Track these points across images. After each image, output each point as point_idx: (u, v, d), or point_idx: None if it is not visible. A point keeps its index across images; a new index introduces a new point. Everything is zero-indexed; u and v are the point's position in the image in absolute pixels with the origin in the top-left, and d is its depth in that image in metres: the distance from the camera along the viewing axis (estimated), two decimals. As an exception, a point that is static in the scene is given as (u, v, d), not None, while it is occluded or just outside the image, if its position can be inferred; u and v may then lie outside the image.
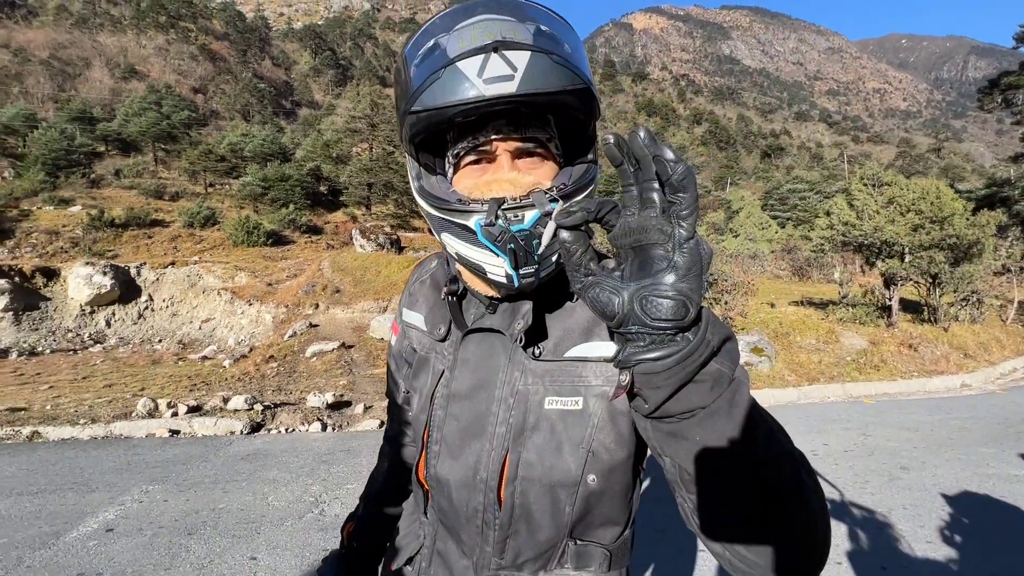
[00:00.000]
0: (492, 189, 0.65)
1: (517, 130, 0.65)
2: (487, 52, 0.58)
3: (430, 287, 0.88)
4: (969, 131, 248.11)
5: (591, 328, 0.72)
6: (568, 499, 0.70)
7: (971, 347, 9.89)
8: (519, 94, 0.58)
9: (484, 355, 0.74)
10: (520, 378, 0.71)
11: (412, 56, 0.64)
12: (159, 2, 69.73)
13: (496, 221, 0.61)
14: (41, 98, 40.59)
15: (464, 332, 0.75)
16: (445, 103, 0.60)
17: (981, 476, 4.15)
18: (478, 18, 0.61)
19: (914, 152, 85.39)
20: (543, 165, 0.68)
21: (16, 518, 3.29)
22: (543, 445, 0.70)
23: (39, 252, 15.75)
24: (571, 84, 0.61)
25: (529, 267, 0.62)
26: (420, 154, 0.72)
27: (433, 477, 0.76)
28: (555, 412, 0.70)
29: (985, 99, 24.47)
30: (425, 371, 0.82)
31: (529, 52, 0.58)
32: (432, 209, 0.69)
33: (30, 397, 7.00)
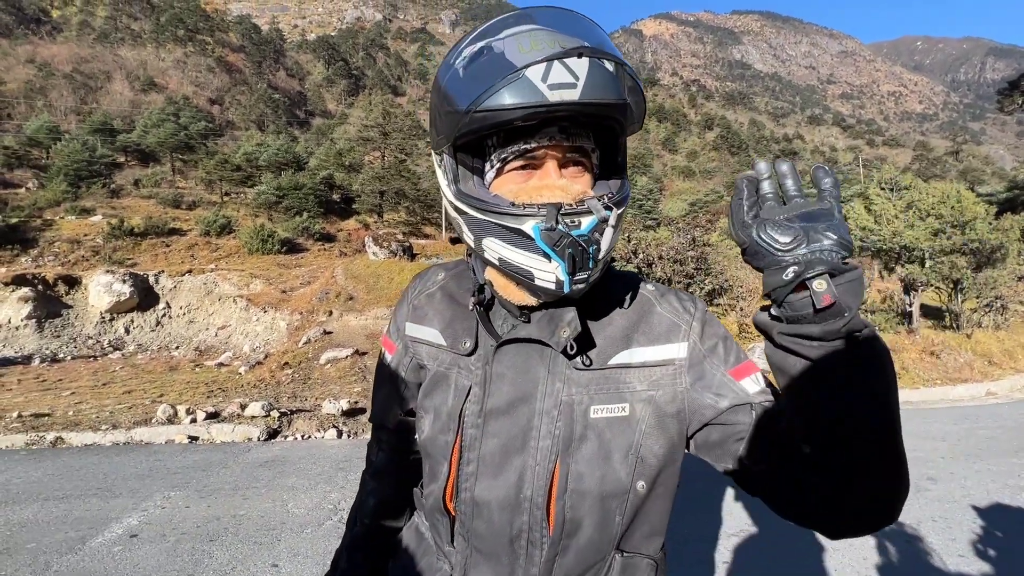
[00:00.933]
0: (543, 195, 0.65)
1: (568, 138, 0.66)
2: (570, 56, 0.59)
3: (442, 300, 0.84)
4: (988, 133, 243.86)
5: (630, 335, 0.73)
6: (618, 509, 0.69)
7: (996, 354, 9.66)
8: (581, 101, 0.59)
9: (521, 367, 0.72)
10: (563, 388, 0.70)
11: (458, 59, 0.64)
12: (178, 16, 71.46)
13: (557, 226, 0.61)
14: (64, 111, 41.70)
15: (499, 344, 0.72)
16: (510, 105, 0.60)
17: (1013, 488, 4.03)
18: (530, 27, 0.62)
19: (931, 155, 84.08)
20: (584, 176, 0.69)
21: (44, 523, 3.35)
22: (592, 455, 0.68)
23: (61, 261, 16.11)
24: (627, 96, 0.63)
25: (583, 272, 0.63)
26: (459, 155, 0.71)
27: (468, 501, 0.72)
28: (602, 420, 0.69)
29: (1005, 100, 24.04)
30: (443, 388, 0.78)
31: (600, 61, 0.60)
32: (477, 212, 0.67)
33: (53, 403, 7.14)
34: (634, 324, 0.74)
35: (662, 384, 0.72)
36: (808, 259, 0.53)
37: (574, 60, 0.59)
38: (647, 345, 0.73)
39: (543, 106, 0.59)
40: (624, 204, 0.67)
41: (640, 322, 0.74)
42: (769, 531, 3.34)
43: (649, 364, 0.72)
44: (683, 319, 0.75)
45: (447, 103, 0.66)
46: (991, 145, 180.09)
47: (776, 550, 3.09)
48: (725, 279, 9.35)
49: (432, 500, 0.77)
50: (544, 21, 0.63)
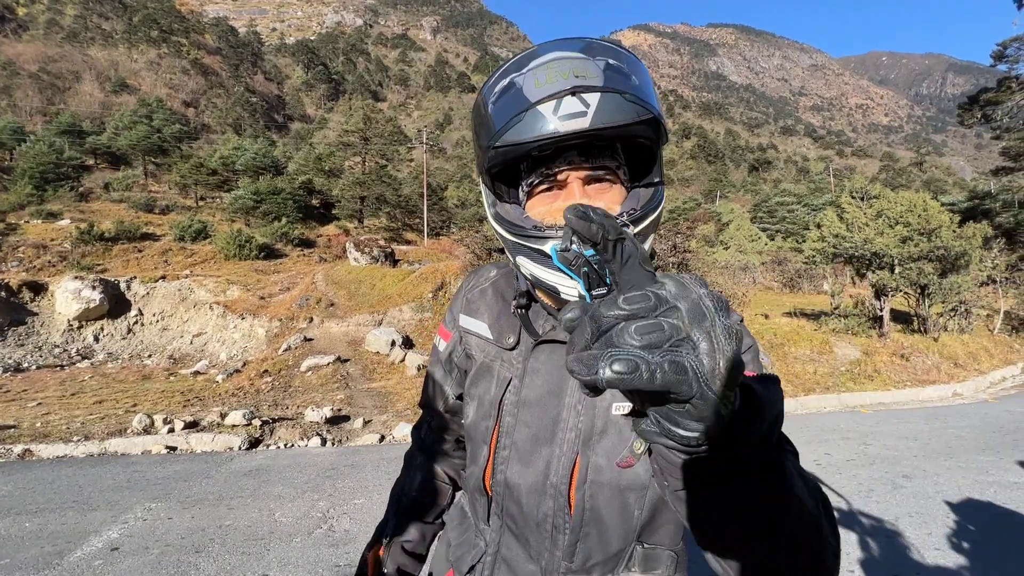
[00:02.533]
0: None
1: (588, 160, 0.70)
2: (564, 95, 0.63)
3: (492, 296, 0.90)
4: (949, 145, 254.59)
5: None
6: (637, 503, 0.72)
7: (961, 357, 10.05)
8: (591, 129, 0.64)
9: (554, 364, 0.77)
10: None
11: (489, 94, 0.70)
12: (151, 17, 69.86)
13: (571, 246, 0.61)
14: (30, 111, 40.28)
15: (536, 342, 0.78)
16: (525, 139, 0.66)
17: (982, 483, 4.20)
18: (551, 56, 0.66)
19: (897, 166, 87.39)
20: (611, 190, 0.72)
21: (17, 538, 3.21)
22: (611, 449, 0.72)
23: (26, 266, 15.51)
24: (638, 117, 0.66)
25: (602, 288, 0.61)
26: (495, 183, 0.77)
27: (501, 483, 0.78)
28: (622, 418, 0.72)
29: (965, 114, 25.19)
30: (487, 378, 0.84)
31: (599, 93, 0.64)
32: (508, 234, 0.74)
33: (18, 414, 6.85)
34: None
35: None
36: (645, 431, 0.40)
37: (587, 93, 0.63)
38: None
39: (554, 137, 0.64)
40: (648, 217, 0.71)
41: None
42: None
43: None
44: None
45: (477, 137, 0.74)
46: (952, 156, 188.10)
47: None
48: (705, 285, 9.56)
49: (473, 480, 0.83)
50: (567, 48, 0.68)
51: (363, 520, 3.50)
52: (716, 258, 21.70)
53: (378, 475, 4.45)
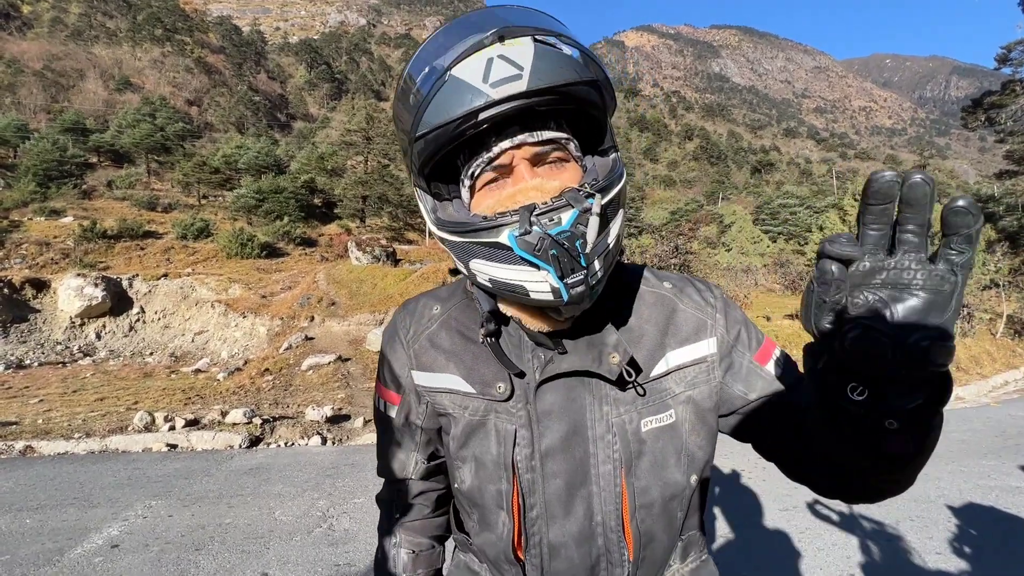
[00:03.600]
0: (517, 200, 0.59)
1: (532, 133, 0.60)
2: (492, 44, 0.54)
3: (450, 339, 0.76)
4: (953, 148, 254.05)
5: (663, 340, 0.72)
6: (680, 507, 0.71)
7: (963, 360, 10.03)
8: (531, 90, 0.54)
9: (567, 399, 0.68)
10: (611, 410, 0.68)
11: (411, 82, 0.60)
12: (155, 15, 70.07)
13: (532, 228, 0.55)
14: (34, 109, 40.43)
15: (539, 383, 0.67)
16: (452, 116, 0.55)
17: (984, 488, 4.19)
18: (474, 39, 0.56)
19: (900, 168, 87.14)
20: (565, 169, 0.63)
21: (18, 534, 3.22)
22: (651, 467, 0.68)
23: (29, 263, 15.55)
24: (585, 75, 0.57)
25: (577, 274, 0.56)
26: (431, 185, 0.68)
27: (540, 545, 0.69)
28: (652, 432, 0.69)
29: (969, 118, 25.14)
30: (481, 436, 0.71)
31: (534, 45, 0.55)
32: (455, 236, 0.62)
33: (20, 411, 6.87)
34: (663, 329, 0.73)
35: (698, 382, 0.72)
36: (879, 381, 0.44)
37: (516, 50, 0.54)
38: (679, 347, 0.72)
39: (486, 107, 0.54)
40: (614, 187, 0.61)
41: (668, 325, 0.73)
42: (753, 532, 3.40)
43: (684, 365, 0.72)
44: (707, 313, 0.75)
45: (399, 134, 0.64)
46: (956, 160, 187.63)
47: (761, 550, 3.16)
48: (707, 286, 9.57)
49: (496, 552, 0.72)
50: (486, 21, 0.58)
51: (363, 519, 3.50)
52: (718, 260, 21.67)
53: (378, 478, 4.45)
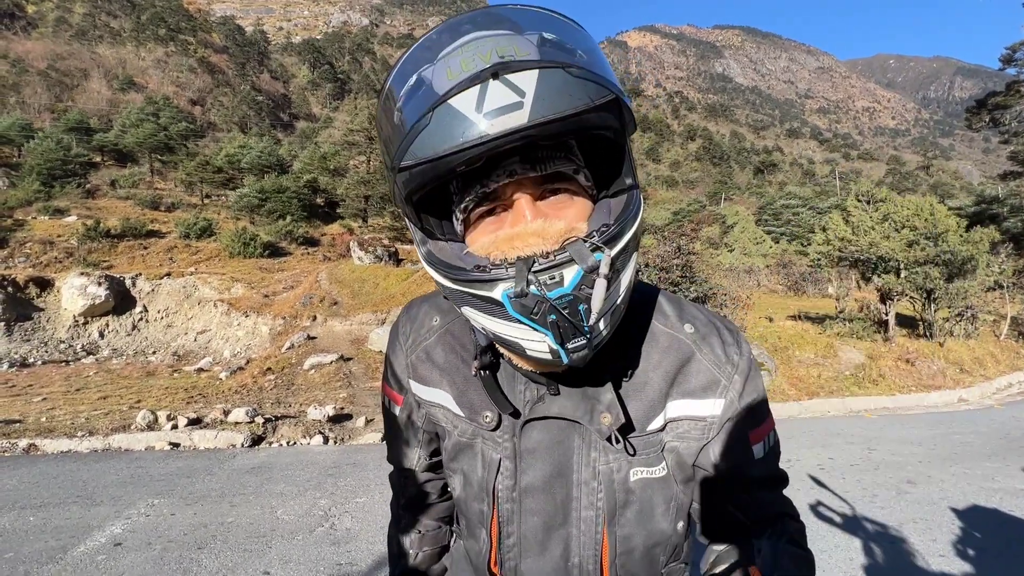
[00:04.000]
0: (516, 246, 0.52)
1: (534, 167, 0.53)
2: (483, 80, 0.46)
3: (446, 356, 0.73)
4: (956, 149, 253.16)
5: (668, 390, 0.67)
6: (664, 552, 0.71)
7: (967, 362, 9.98)
8: (533, 124, 0.46)
9: (553, 440, 0.66)
10: (600, 457, 0.66)
11: (395, 96, 0.52)
12: (159, 15, 70.29)
13: (528, 289, 0.49)
14: (38, 108, 40.60)
15: (524, 421, 0.65)
16: (441, 152, 0.47)
17: (988, 490, 4.17)
18: (467, 38, 0.49)
19: (903, 169, 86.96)
20: (573, 203, 0.56)
21: (21, 532, 3.23)
22: (636, 517, 0.67)
23: (33, 262, 15.60)
24: (597, 98, 0.49)
25: (579, 339, 0.51)
26: (421, 215, 0.60)
27: (513, 570, 0.70)
28: (640, 483, 0.67)
29: (973, 118, 25.06)
30: (468, 456, 0.71)
31: (537, 70, 0.46)
32: (446, 281, 0.56)
33: (24, 409, 6.90)
34: (671, 377, 0.67)
35: (688, 437, 0.68)
36: None
37: (517, 74, 0.46)
38: (681, 398, 0.67)
39: (481, 144, 0.46)
40: (626, 232, 0.54)
41: (677, 374, 0.67)
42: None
43: (681, 419, 0.67)
44: (724, 371, 0.67)
45: (385, 159, 0.56)
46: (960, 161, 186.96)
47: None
48: (709, 287, 9.52)
49: (477, 560, 0.74)
50: (486, 24, 0.50)
51: (364, 519, 3.50)
52: (721, 261, 21.65)
53: (380, 474, 4.45)
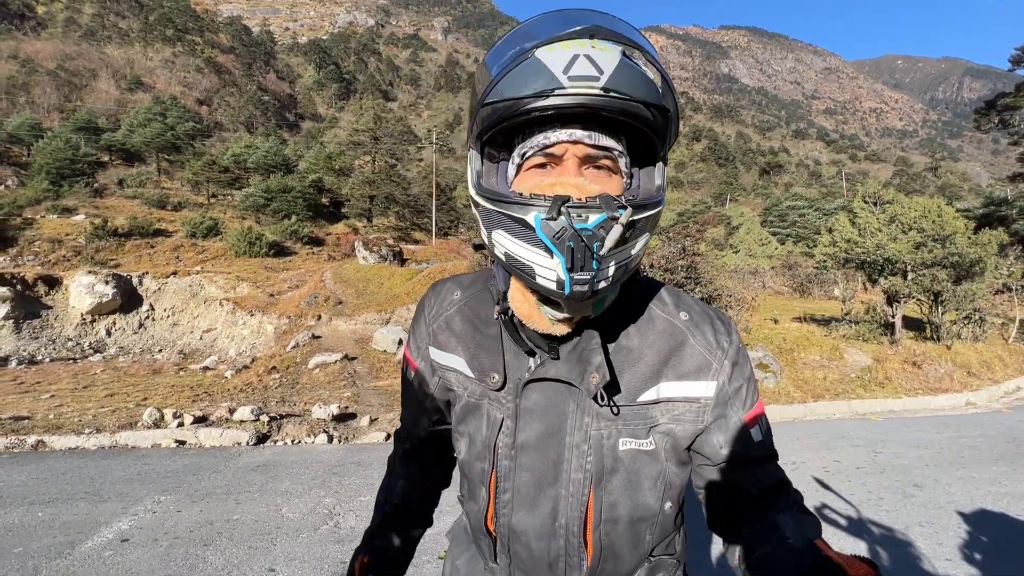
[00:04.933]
0: (555, 190, 0.61)
1: (590, 135, 0.63)
2: (582, 39, 0.57)
3: (463, 325, 0.81)
4: (965, 151, 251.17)
5: (661, 369, 0.72)
6: (649, 530, 0.73)
7: (974, 365, 9.89)
8: (605, 94, 0.57)
9: (550, 402, 0.71)
10: (592, 423, 0.70)
11: (496, 58, 0.63)
12: (167, 16, 70.77)
13: (558, 217, 0.58)
14: (47, 108, 40.97)
15: (525, 382, 0.72)
16: (521, 93, 0.58)
17: (995, 495, 4.13)
18: (569, 29, 0.59)
19: (911, 171, 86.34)
20: (611, 179, 0.65)
21: (30, 527, 3.26)
22: (623, 486, 0.71)
23: (41, 260, 15.76)
24: (659, 101, 0.60)
25: (585, 273, 0.58)
26: (485, 150, 0.70)
27: (505, 526, 0.74)
28: (629, 453, 0.71)
29: (982, 119, 24.86)
30: (476, 417, 0.77)
31: (621, 55, 0.58)
32: (487, 203, 0.64)
33: (32, 406, 6.97)
34: (664, 359, 0.72)
35: (683, 419, 0.72)
36: None
37: (603, 54, 0.57)
38: (675, 380, 0.72)
39: (560, 95, 0.57)
40: (648, 209, 0.63)
41: (671, 356, 0.73)
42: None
43: (675, 400, 0.72)
44: (715, 356, 0.73)
45: (471, 95, 0.66)
46: (968, 162, 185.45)
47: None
48: (714, 288, 9.49)
49: (475, 520, 0.79)
50: (587, 21, 0.60)
51: (368, 517, 3.50)
52: (725, 262, 21.57)
53: (383, 473, 4.46)
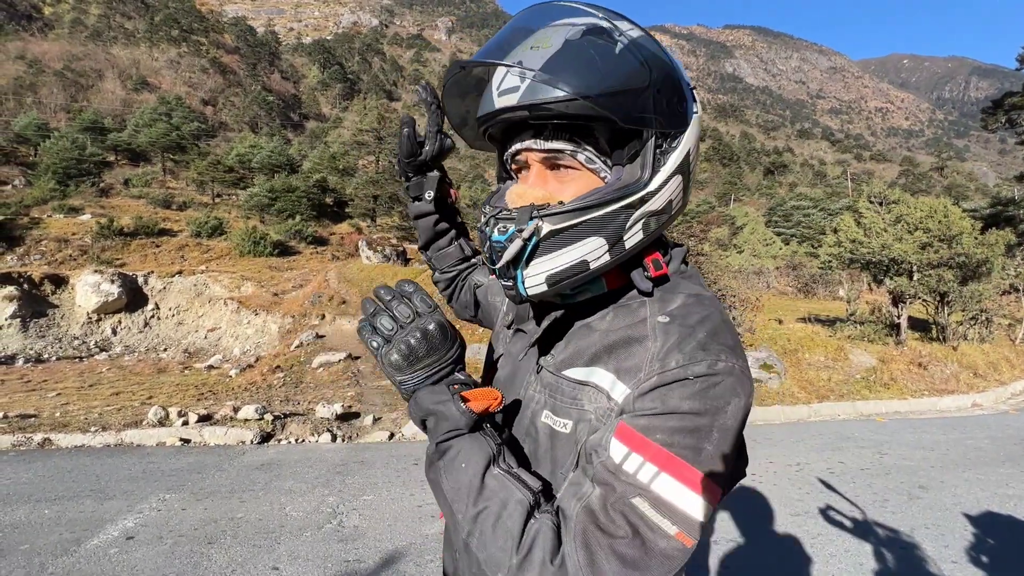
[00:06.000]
0: (509, 199, 0.69)
1: (536, 141, 0.66)
2: (522, 41, 0.63)
3: None
4: (971, 150, 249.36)
5: (600, 354, 0.67)
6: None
7: (981, 366, 9.83)
8: (520, 105, 0.61)
9: (519, 350, 0.79)
10: (534, 386, 0.73)
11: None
12: (172, 16, 71.10)
13: (484, 228, 0.67)
14: (54, 108, 41.23)
15: (510, 327, 0.84)
16: (479, 114, 0.68)
17: (1002, 496, 4.11)
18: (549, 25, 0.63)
19: (917, 171, 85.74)
20: (578, 179, 0.66)
21: (36, 524, 3.29)
22: (531, 454, 0.71)
23: (48, 259, 15.85)
24: (555, 97, 0.58)
25: (505, 279, 0.67)
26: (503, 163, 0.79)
27: None
28: (546, 428, 0.69)
29: (989, 119, 24.65)
30: (493, 341, 0.92)
31: (549, 55, 0.60)
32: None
33: (38, 404, 7.01)
34: (609, 347, 0.66)
35: (599, 415, 0.64)
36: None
37: (534, 55, 0.60)
38: (610, 372, 0.65)
39: (489, 113, 0.65)
40: (588, 212, 0.61)
41: (620, 347, 0.66)
42: (763, 538, 3.37)
43: (601, 391, 0.65)
44: (649, 366, 0.61)
45: None
46: (975, 162, 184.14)
47: (771, 556, 3.13)
48: (718, 289, 9.46)
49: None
50: (541, 16, 0.66)
51: (372, 516, 3.52)
52: (729, 262, 21.48)
53: (387, 472, 4.48)
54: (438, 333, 0.64)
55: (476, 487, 0.59)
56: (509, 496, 0.58)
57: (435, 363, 0.64)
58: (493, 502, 0.58)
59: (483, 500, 0.59)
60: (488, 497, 0.59)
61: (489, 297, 1.08)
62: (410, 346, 0.62)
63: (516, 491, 0.59)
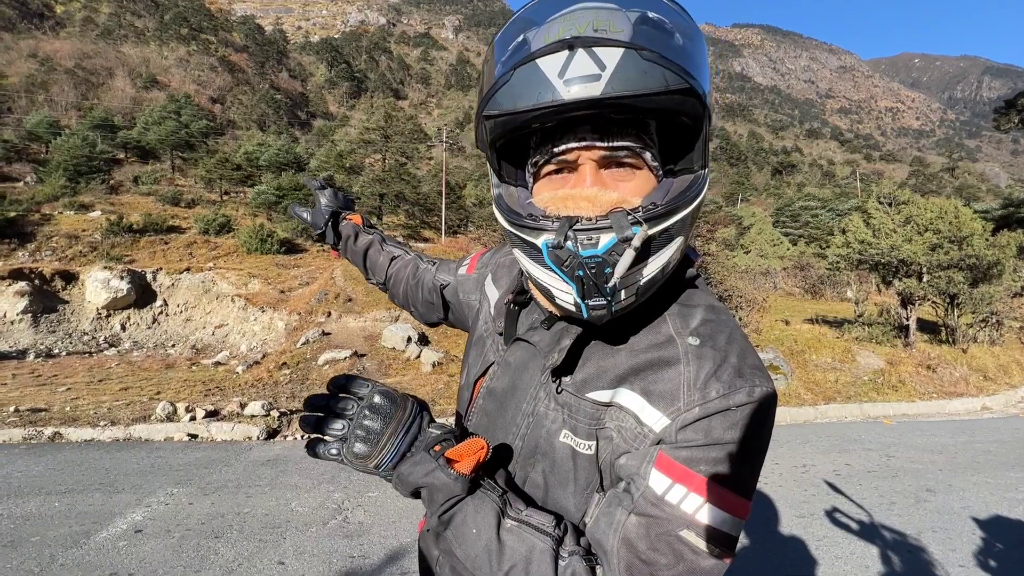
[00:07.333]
0: (568, 205, 0.58)
1: (603, 138, 0.58)
2: (563, 49, 0.51)
3: (509, 278, 0.88)
4: (983, 151, 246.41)
5: (626, 376, 0.64)
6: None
7: (991, 369, 9.72)
8: (606, 97, 0.51)
9: (523, 363, 0.73)
10: (544, 400, 0.68)
11: (498, 52, 0.58)
12: (182, 15, 71.63)
13: (565, 243, 0.55)
14: (65, 106, 41.66)
15: (510, 341, 0.76)
16: (519, 108, 0.54)
17: (1011, 500, 4.06)
18: (573, 8, 0.53)
19: (927, 171, 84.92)
20: (634, 177, 0.60)
21: (47, 517, 3.34)
22: (549, 474, 0.68)
23: (59, 256, 16.02)
24: (674, 83, 0.52)
25: (599, 299, 0.57)
26: (501, 160, 0.68)
27: None
28: (567, 448, 0.66)
29: (1001, 119, 24.33)
30: (478, 350, 0.85)
31: (621, 49, 0.50)
32: (505, 223, 0.64)
33: (49, 398, 7.10)
34: (639, 369, 0.63)
35: (626, 437, 0.62)
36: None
37: (599, 48, 0.51)
38: (637, 393, 0.62)
39: (555, 106, 0.52)
40: (676, 213, 0.57)
41: (648, 369, 0.63)
42: (769, 540, 3.35)
43: (627, 411, 0.62)
44: (688, 396, 0.59)
45: (479, 92, 0.62)
46: (986, 163, 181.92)
47: (777, 558, 3.11)
48: (725, 289, 9.42)
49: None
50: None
51: (377, 513, 3.54)
52: (736, 262, 21.38)
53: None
54: (385, 402, 0.60)
55: (495, 550, 0.57)
56: (531, 549, 0.57)
57: (397, 430, 0.59)
58: (517, 559, 0.57)
59: (507, 561, 0.57)
60: (510, 557, 0.57)
61: (461, 296, 1.00)
62: (367, 428, 0.59)
63: (536, 540, 0.58)
